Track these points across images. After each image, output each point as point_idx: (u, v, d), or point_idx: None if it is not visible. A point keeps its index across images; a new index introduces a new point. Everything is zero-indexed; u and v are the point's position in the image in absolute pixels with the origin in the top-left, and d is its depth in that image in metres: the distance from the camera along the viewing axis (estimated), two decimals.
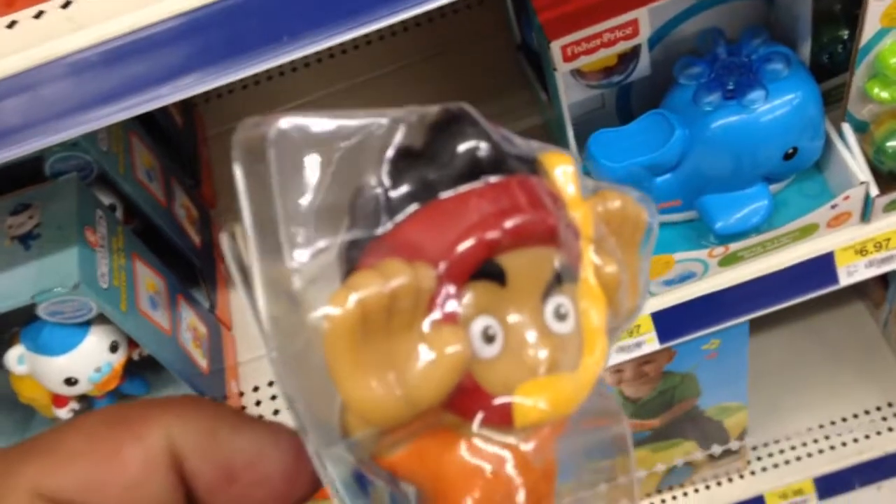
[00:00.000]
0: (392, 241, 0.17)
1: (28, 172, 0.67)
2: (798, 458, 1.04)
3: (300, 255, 0.16)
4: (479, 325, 0.17)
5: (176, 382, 0.70)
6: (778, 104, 0.61)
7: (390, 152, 0.17)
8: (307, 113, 0.17)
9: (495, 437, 0.17)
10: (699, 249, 0.68)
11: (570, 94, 0.69)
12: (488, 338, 0.17)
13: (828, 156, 0.67)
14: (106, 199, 0.71)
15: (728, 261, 0.69)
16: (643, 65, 0.67)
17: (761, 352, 1.06)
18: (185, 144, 0.88)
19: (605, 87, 0.69)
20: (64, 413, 0.68)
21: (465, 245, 0.17)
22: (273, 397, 0.77)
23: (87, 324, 0.64)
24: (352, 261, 0.17)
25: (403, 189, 0.17)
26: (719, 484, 1.05)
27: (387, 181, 0.17)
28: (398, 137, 0.18)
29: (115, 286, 0.63)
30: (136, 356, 0.68)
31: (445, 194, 0.17)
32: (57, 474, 0.17)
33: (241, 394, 0.78)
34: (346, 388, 0.16)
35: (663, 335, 0.74)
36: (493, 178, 0.18)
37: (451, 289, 0.17)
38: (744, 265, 0.70)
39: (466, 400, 0.17)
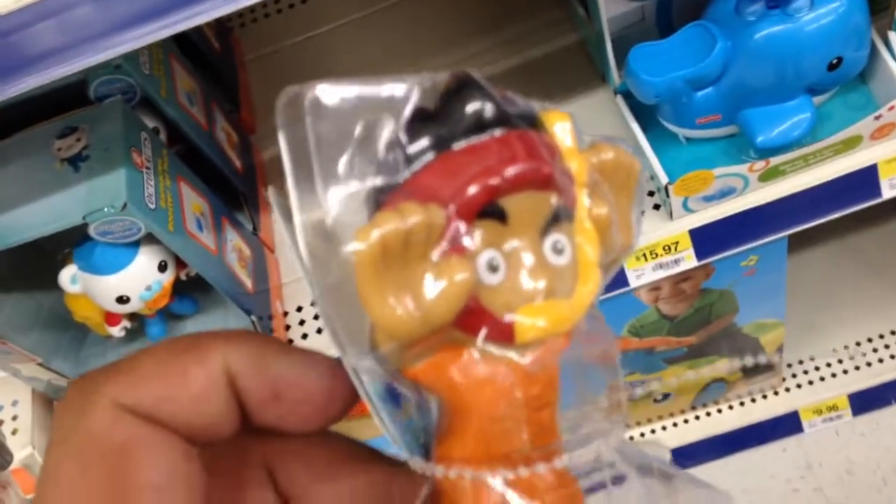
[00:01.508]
0: (409, 187, 0.20)
1: (73, 96, 0.68)
2: (833, 375, 1.05)
3: (332, 197, 0.20)
4: (484, 257, 0.20)
5: (223, 302, 0.72)
6: (822, 13, 0.60)
7: (407, 112, 0.21)
8: (339, 80, 0.20)
9: (497, 352, 0.21)
10: (739, 164, 0.68)
11: (610, 8, 0.68)
12: (492, 268, 0.20)
13: (873, 66, 0.66)
14: (149, 123, 0.72)
15: (769, 175, 0.69)
16: None
17: (799, 269, 1.07)
18: (223, 69, 0.89)
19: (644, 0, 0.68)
20: (116, 331, 0.71)
21: (471, 189, 0.20)
22: (316, 317, 0.79)
23: (136, 244, 0.66)
24: (377, 204, 0.21)
25: (419, 143, 0.20)
26: (754, 400, 1.06)
27: (404, 137, 0.20)
28: (414, 100, 0.21)
29: (161, 207, 0.64)
30: (183, 276, 0.70)
31: (455, 147, 0.20)
32: (134, 390, 0.20)
33: (286, 313, 0.80)
34: (371, 309, 0.19)
35: (701, 252, 0.75)
36: (496, 133, 0.21)
37: (460, 226, 0.20)
38: (785, 180, 0.70)
39: (473, 319, 0.20)
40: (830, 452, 1.08)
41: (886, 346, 1.05)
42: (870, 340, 1.05)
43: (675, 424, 1.07)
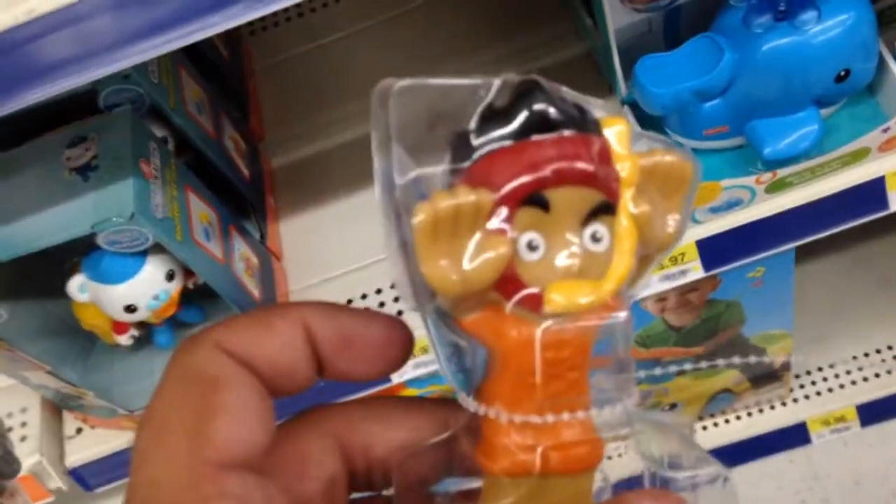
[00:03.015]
0: (471, 172, 0.24)
1: (83, 106, 0.68)
2: (841, 386, 1.04)
3: (406, 177, 0.24)
4: (526, 237, 0.24)
5: (230, 311, 0.72)
6: (830, 25, 0.60)
7: (480, 108, 0.24)
8: (424, 79, 0.24)
9: (528, 317, 0.24)
10: (747, 176, 0.67)
11: (617, 20, 0.68)
12: (532, 247, 0.24)
13: (881, 78, 0.66)
14: (158, 132, 0.72)
15: (776, 187, 0.69)
16: None
17: (807, 280, 1.06)
18: (232, 78, 0.89)
19: (652, 10, 0.68)
20: (124, 339, 0.71)
21: (518, 179, 0.23)
22: None
23: (144, 253, 0.66)
24: (448, 185, 0.24)
25: (485, 136, 0.24)
26: (761, 411, 1.06)
27: (473, 130, 0.24)
28: (487, 98, 0.24)
29: (169, 217, 0.65)
30: (191, 285, 0.70)
31: (515, 142, 0.23)
32: (231, 335, 0.25)
33: None
34: (424, 269, 0.23)
35: (708, 263, 0.75)
36: (553, 133, 0.24)
37: (505, 209, 0.23)
38: (792, 191, 0.69)
39: (510, 286, 0.24)
40: (838, 464, 1.07)
41: (895, 358, 1.04)
42: (878, 352, 1.05)
43: None
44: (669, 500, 0.25)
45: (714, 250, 0.73)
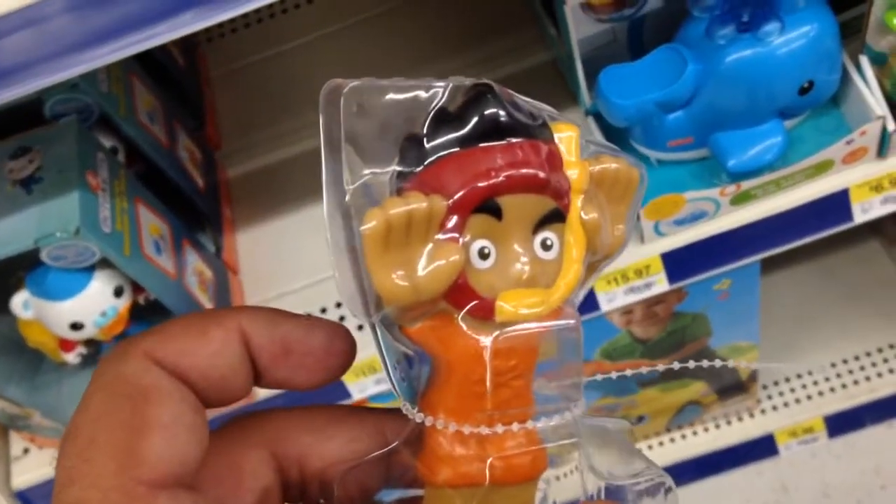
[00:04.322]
0: (422, 178, 0.23)
1: (28, 115, 0.66)
2: (809, 397, 1.04)
3: (356, 180, 0.23)
4: (477, 244, 0.23)
5: None
6: (794, 36, 0.59)
7: (432, 112, 0.23)
8: (374, 79, 0.23)
9: (478, 326, 0.23)
10: (711, 188, 0.66)
11: (580, 29, 0.67)
12: (483, 255, 0.23)
13: (845, 90, 0.65)
14: (107, 142, 0.70)
15: (740, 199, 0.68)
16: None
17: (773, 291, 1.06)
18: (187, 85, 0.87)
19: (615, 20, 0.67)
20: (72, 357, 0.69)
21: (470, 186, 0.23)
22: None
23: (91, 268, 0.64)
24: (397, 190, 0.23)
25: (436, 140, 0.23)
26: (729, 423, 1.05)
27: (424, 134, 0.23)
28: (437, 102, 0.23)
29: (117, 230, 0.62)
30: (142, 300, 0.68)
31: (466, 147, 0.23)
32: (162, 345, 0.24)
33: None
34: (374, 277, 0.23)
35: (673, 276, 0.74)
36: (504, 139, 0.23)
37: (457, 216, 0.23)
38: (756, 203, 0.69)
39: (461, 296, 0.23)
40: (806, 475, 1.07)
41: (861, 368, 1.04)
42: (845, 362, 1.05)
43: (650, 447, 1.06)
44: None
45: (679, 263, 0.72)
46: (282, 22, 0.94)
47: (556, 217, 0.24)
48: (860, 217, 0.69)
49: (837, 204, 0.68)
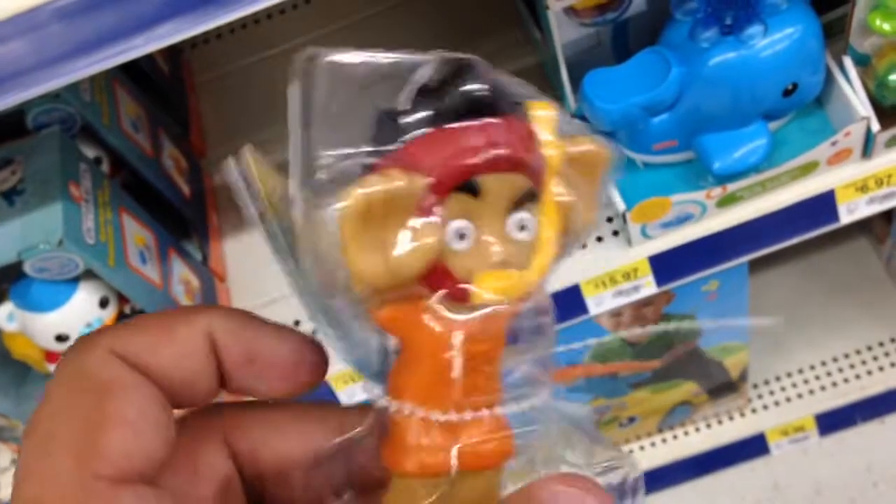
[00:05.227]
0: (399, 155, 0.22)
1: (9, 126, 0.66)
2: (799, 396, 1.04)
3: (326, 155, 0.22)
4: (455, 225, 0.23)
5: None
6: (777, 39, 0.59)
7: (411, 86, 0.22)
8: (351, 49, 0.22)
9: (450, 310, 0.23)
10: (697, 191, 0.66)
11: (564, 33, 0.66)
12: (460, 235, 0.23)
13: (829, 91, 0.65)
14: (91, 152, 0.70)
15: (726, 201, 0.68)
16: (638, 0, 0.65)
17: (762, 290, 1.06)
18: (172, 93, 0.86)
19: (599, 24, 0.67)
20: None
21: (451, 165, 0.22)
22: None
23: (75, 280, 0.63)
24: (368, 167, 0.23)
25: (414, 116, 0.22)
26: (720, 422, 1.05)
27: (402, 109, 0.22)
28: (419, 75, 0.23)
29: (101, 241, 0.62)
30: (128, 310, 0.68)
31: (445, 125, 0.22)
32: (126, 340, 0.23)
33: None
34: (349, 257, 0.22)
35: (661, 278, 0.74)
36: (484, 118, 0.23)
37: (436, 196, 0.22)
38: (742, 205, 0.68)
39: (436, 279, 0.23)
40: (798, 473, 1.07)
41: (851, 366, 1.04)
42: (835, 360, 1.05)
43: (642, 448, 1.06)
44: (579, 482, 0.24)
45: (666, 265, 0.72)
46: (267, 27, 0.94)
47: (531, 197, 0.23)
48: (846, 217, 0.69)
49: (823, 205, 0.68)
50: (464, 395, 0.23)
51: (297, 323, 0.77)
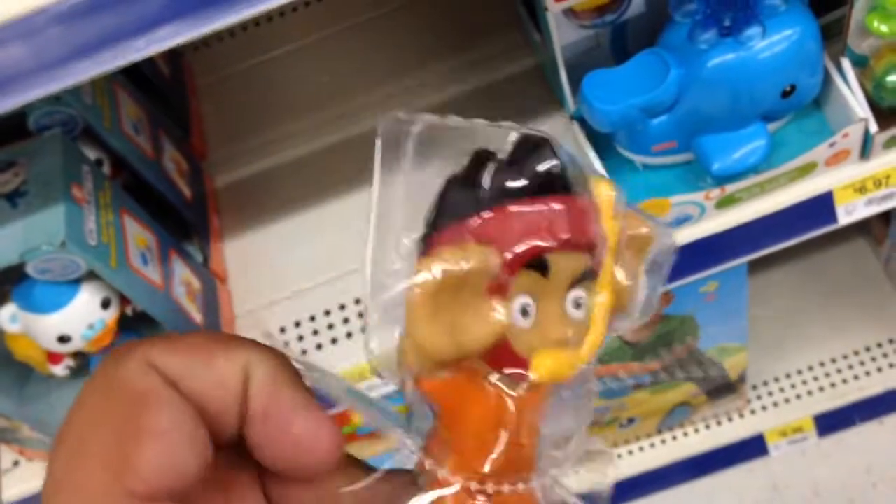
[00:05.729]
0: (474, 227, 0.23)
1: (11, 129, 0.66)
2: (798, 397, 1.04)
3: (416, 232, 0.23)
4: (520, 301, 0.23)
5: None
6: (775, 40, 0.60)
7: (495, 163, 0.23)
8: (440, 116, 0.23)
9: (503, 385, 0.23)
10: (695, 192, 0.67)
11: (563, 35, 0.67)
12: (524, 312, 0.23)
13: (827, 92, 0.65)
14: (92, 154, 0.70)
15: (725, 202, 0.68)
16: (637, 2, 0.65)
17: (761, 291, 1.06)
18: (173, 95, 0.87)
19: (598, 26, 0.67)
20: (59, 370, 0.68)
21: (525, 244, 0.23)
22: None
23: (77, 281, 0.64)
24: (434, 228, 0.23)
25: (491, 188, 0.23)
26: (719, 423, 1.05)
27: (478, 180, 0.23)
28: (502, 152, 0.23)
29: (103, 243, 0.62)
30: (129, 312, 0.68)
31: (521, 200, 0.23)
32: (165, 356, 0.23)
33: None
34: (418, 331, 0.22)
35: None
36: (555, 193, 0.23)
37: (508, 273, 0.23)
38: (741, 206, 0.69)
39: (497, 354, 0.23)
40: (797, 474, 1.07)
41: (850, 367, 1.04)
42: (833, 361, 1.05)
43: (641, 449, 1.06)
44: None
45: None
46: (267, 30, 0.94)
47: (589, 275, 0.24)
48: (844, 219, 0.69)
49: (822, 206, 0.68)
50: (503, 467, 0.24)
51: (297, 324, 0.78)
